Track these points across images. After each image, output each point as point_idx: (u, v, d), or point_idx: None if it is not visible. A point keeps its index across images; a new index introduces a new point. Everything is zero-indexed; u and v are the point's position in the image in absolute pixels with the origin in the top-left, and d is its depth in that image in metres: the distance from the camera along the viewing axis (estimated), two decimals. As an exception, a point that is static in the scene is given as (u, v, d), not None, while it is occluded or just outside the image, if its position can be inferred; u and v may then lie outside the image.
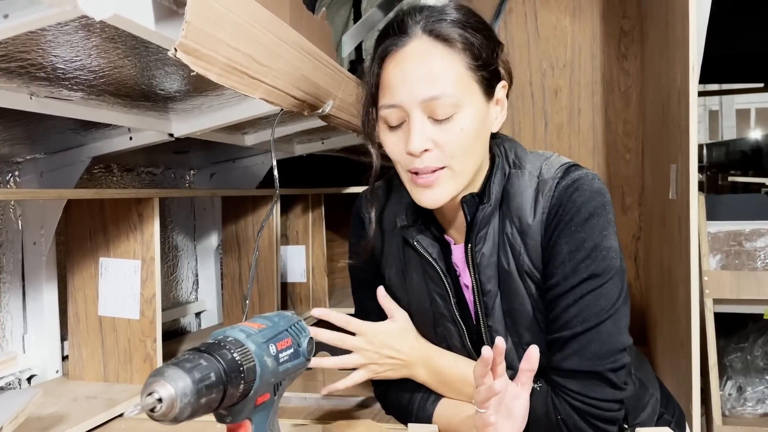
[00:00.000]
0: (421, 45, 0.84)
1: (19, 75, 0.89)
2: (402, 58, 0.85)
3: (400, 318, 1.00)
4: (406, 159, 0.87)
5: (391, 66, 0.86)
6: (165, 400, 0.55)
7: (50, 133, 1.22)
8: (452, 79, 0.84)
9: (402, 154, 0.87)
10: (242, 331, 0.66)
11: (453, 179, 0.87)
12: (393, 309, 1.01)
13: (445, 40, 0.84)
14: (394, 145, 0.88)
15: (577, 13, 2.13)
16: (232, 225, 1.82)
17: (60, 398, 1.16)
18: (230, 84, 0.79)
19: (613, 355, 0.86)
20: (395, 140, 0.88)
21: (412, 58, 0.84)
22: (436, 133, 0.84)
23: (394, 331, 0.99)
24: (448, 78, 0.83)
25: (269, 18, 0.87)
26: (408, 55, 0.85)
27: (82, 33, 0.74)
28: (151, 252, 1.24)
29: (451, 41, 0.84)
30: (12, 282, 1.28)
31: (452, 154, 0.85)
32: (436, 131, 0.84)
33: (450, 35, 0.84)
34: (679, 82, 1.39)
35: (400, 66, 0.85)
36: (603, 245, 0.87)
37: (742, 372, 2.07)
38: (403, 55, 0.85)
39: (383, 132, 0.89)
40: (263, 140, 1.59)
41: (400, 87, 0.84)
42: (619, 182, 2.10)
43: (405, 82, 0.84)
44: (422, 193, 0.87)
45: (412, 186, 0.89)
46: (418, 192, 0.88)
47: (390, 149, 0.89)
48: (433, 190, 0.87)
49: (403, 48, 0.85)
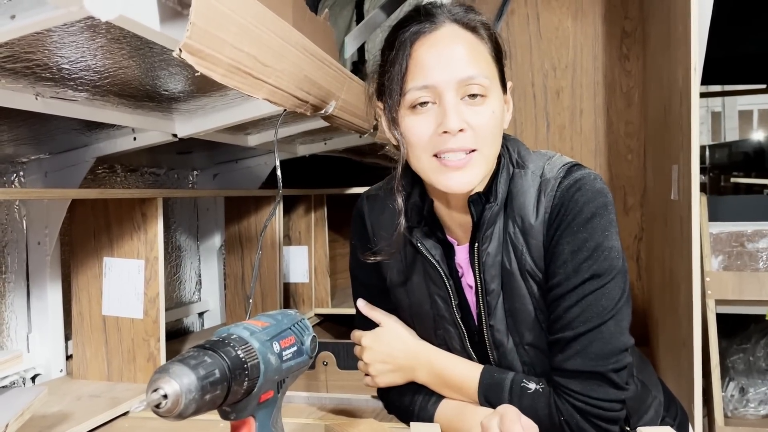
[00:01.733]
0: (451, 30, 0.86)
1: (25, 75, 0.90)
2: (435, 40, 0.85)
3: (387, 323, 1.01)
4: (435, 140, 0.85)
5: (424, 49, 0.85)
6: (170, 397, 0.55)
7: (55, 134, 1.23)
8: (482, 64, 0.86)
9: (430, 136, 0.85)
10: (246, 328, 0.66)
11: (482, 163, 0.86)
12: (379, 317, 1.02)
13: (472, 28, 0.87)
14: (422, 129, 0.85)
15: (579, 14, 2.13)
16: (235, 225, 1.83)
17: (64, 397, 1.16)
18: (234, 84, 0.79)
19: (615, 355, 0.86)
20: (423, 122, 0.85)
21: (444, 41, 0.85)
22: (469, 114, 0.84)
23: (382, 337, 1.00)
24: (479, 61, 0.85)
25: (273, 19, 0.88)
26: (440, 39, 0.85)
27: (88, 34, 0.75)
28: (155, 252, 1.25)
29: (478, 30, 0.87)
30: (16, 281, 1.29)
31: (483, 137, 0.85)
32: (469, 113, 0.84)
33: (476, 24, 0.87)
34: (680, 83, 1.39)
35: (434, 48, 0.85)
36: (605, 245, 0.87)
37: (744, 373, 2.07)
38: (435, 38, 0.85)
39: (407, 117, 0.87)
40: (266, 141, 1.60)
41: (435, 68, 0.84)
42: (621, 183, 2.11)
43: (439, 63, 0.84)
44: (451, 176, 0.85)
45: (439, 171, 0.86)
46: (445, 176, 0.86)
47: (416, 132, 0.86)
48: (464, 173, 0.85)
49: (435, 32, 0.85)
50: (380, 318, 1.02)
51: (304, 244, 2.01)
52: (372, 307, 1.04)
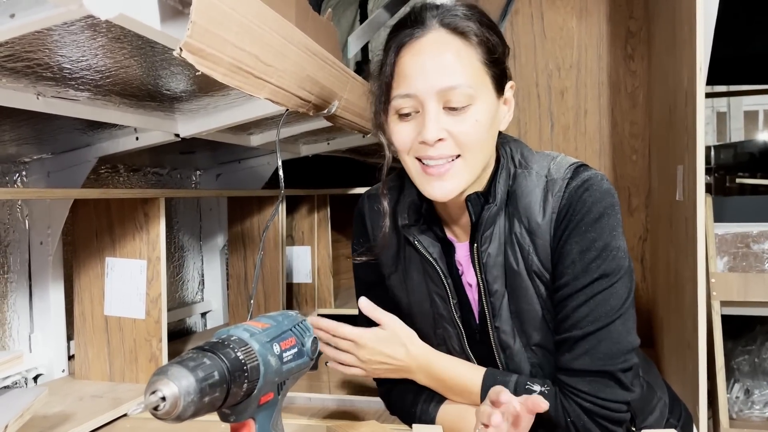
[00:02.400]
0: (438, 37, 0.85)
1: (26, 75, 0.90)
2: (419, 48, 0.85)
3: (389, 324, 0.99)
4: (416, 147, 0.86)
5: (408, 56, 0.86)
6: (168, 399, 0.55)
7: (57, 133, 1.23)
8: (468, 72, 0.85)
9: (413, 143, 0.86)
10: (246, 330, 0.66)
11: (464, 171, 0.87)
12: (380, 316, 1.00)
13: (462, 33, 0.85)
14: (405, 135, 0.87)
15: (584, 14, 2.12)
16: (237, 225, 1.83)
17: (66, 397, 1.16)
18: (235, 84, 0.79)
19: (623, 355, 0.85)
20: (407, 129, 0.87)
21: (429, 48, 0.85)
22: (450, 123, 0.84)
23: (383, 338, 0.98)
24: (464, 70, 0.84)
25: (275, 18, 0.87)
26: (425, 46, 0.85)
27: (88, 33, 0.75)
28: (157, 252, 1.25)
29: (468, 35, 0.85)
30: (19, 281, 1.29)
31: (465, 144, 0.85)
32: (450, 122, 0.84)
33: (466, 29, 0.85)
34: (685, 84, 1.38)
35: (417, 56, 0.85)
36: (613, 245, 0.87)
37: (749, 375, 2.06)
38: (420, 45, 0.85)
39: (393, 122, 0.89)
40: (269, 141, 1.60)
41: (417, 76, 0.84)
42: (626, 183, 2.09)
43: (422, 72, 0.84)
44: (433, 185, 0.87)
45: (422, 177, 0.88)
46: (428, 184, 0.87)
47: (400, 138, 0.88)
48: (445, 182, 0.86)
49: (420, 39, 0.85)
50: (382, 318, 1.01)
51: (307, 244, 2.01)
52: (375, 306, 1.02)
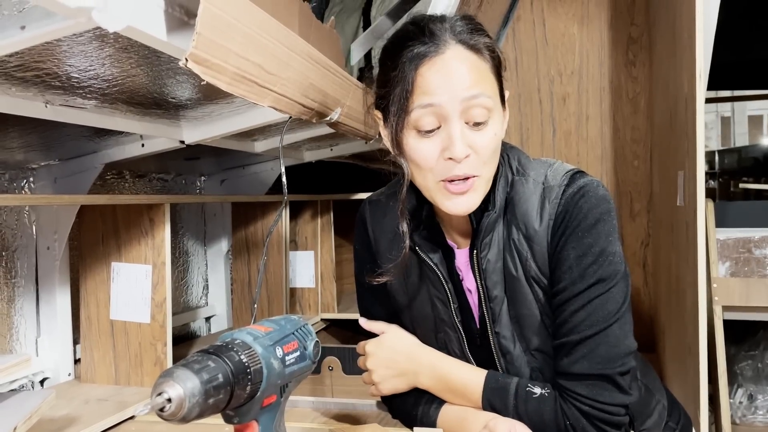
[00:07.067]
0: (458, 52, 0.86)
1: (35, 84, 0.92)
2: (442, 64, 0.85)
3: (390, 330, 1.03)
4: (442, 166, 0.86)
5: (430, 72, 0.85)
6: (174, 400, 0.56)
7: (64, 140, 1.25)
8: (486, 83, 0.87)
9: (436, 161, 0.86)
10: (250, 333, 0.67)
11: (482, 186, 0.89)
12: (381, 327, 1.05)
13: (477, 50, 0.87)
14: (429, 152, 0.86)
15: (585, 20, 2.13)
16: (241, 230, 1.84)
17: (72, 400, 1.18)
18: (240, 93, 0.81)
19: (621, 359, 0.86)
20: (430, 147, 0.86)
21: (451, 63, 0.85)
22: (472, 138, 0.86)
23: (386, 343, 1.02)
24: (483, 81, 0.86)
25: (278, 28, 0.89)
26: (447, 61, 0.85)
27: (96, 43, 0.76)
28: (162, 257, 1.26)
29: (481, 50, 0.87)
30: (26, 286, 1.31)
31: (486, 159, 0.87)
32: (472, 136, 0.86)
33: (478, 45, 0.87)
34: (686, 89, 1.39)
35: (441, 71, 0.85)
36: (609, 250, 0.88)
37: (752, 380, 2.06)
38: (443, 60, 0.85)
39: (412, 139, 0.87)
40: (273, 147, 1.61)
41: (441, 87, 0.85)
42: (628, 189, 2.10)
43: (447, 82, 0.85)
44: (454, 201, 0.87)
45: (444, 194, 0.88)
46: (448, 200, 0.88)
47: (422, 156, 0.87)
48: (468, 197, 0.87)
49: (442, 55, 0.86)
50: (382, 328, 1.04)
51: (311, 249, 2.02)
52: (373, 322, 1.06)
